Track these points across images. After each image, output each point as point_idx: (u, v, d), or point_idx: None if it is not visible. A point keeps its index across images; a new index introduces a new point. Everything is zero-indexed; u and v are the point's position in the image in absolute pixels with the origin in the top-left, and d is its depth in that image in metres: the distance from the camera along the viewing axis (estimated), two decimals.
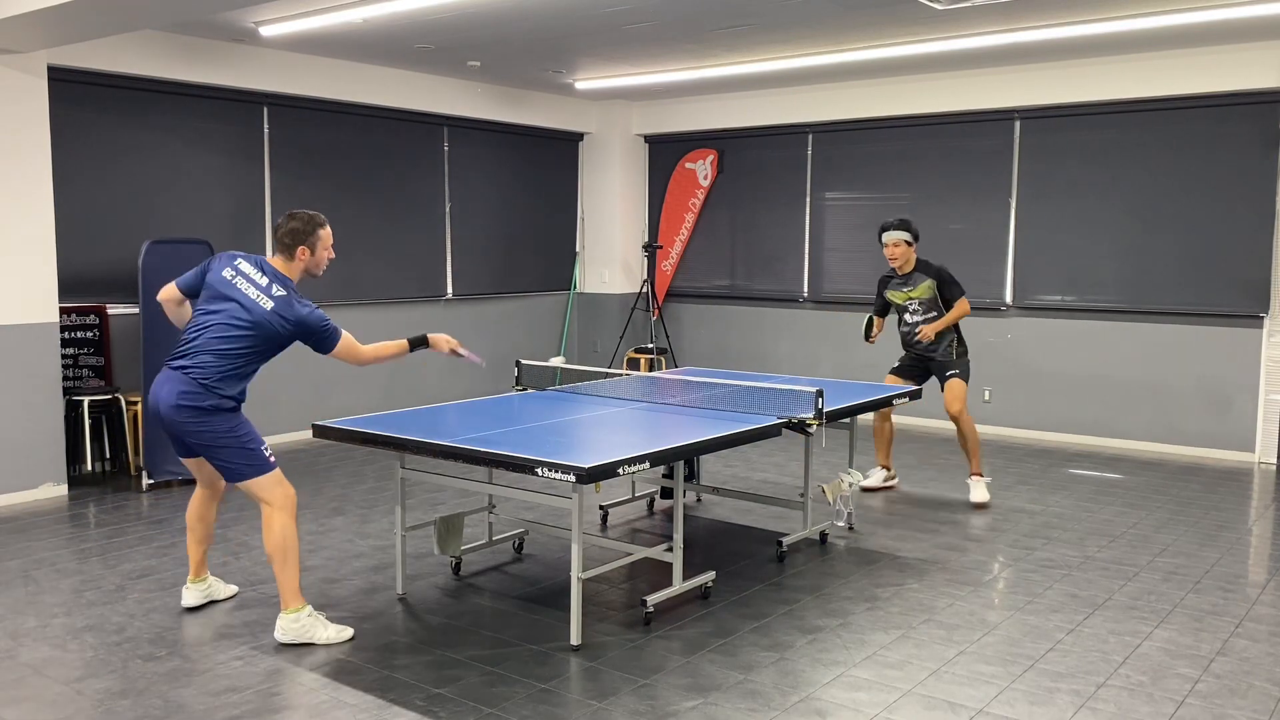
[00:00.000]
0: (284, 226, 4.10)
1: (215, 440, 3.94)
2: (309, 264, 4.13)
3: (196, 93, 7.36)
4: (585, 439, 4.32)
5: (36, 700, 3.53)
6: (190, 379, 3.91)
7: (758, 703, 3.52)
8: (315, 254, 4.13)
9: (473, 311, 9.57)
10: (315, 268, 4.16)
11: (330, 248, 4.19)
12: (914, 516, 5.97)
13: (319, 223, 4.13)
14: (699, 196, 10.18)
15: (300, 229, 4.08)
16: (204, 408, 3.91)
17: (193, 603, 4.37)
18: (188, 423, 3.92)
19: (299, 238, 4.08)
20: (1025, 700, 3.56)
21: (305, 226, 4.09)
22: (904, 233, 6.26)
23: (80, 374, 6.86)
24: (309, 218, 4.11)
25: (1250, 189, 7.43)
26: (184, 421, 3.92)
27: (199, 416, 3.91)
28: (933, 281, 6.32)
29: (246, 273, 4.04)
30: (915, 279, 6.34)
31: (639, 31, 6.98)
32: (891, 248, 6.28)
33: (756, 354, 9.84)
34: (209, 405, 3.92)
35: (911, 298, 6.35)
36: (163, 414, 3.95)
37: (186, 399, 3.90)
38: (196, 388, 3.91)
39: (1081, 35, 6.88)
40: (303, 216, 4.10)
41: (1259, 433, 7.51)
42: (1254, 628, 4.26)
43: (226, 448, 3.95)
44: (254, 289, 4.00)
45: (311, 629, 3.99)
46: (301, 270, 4.13)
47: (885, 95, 8.81)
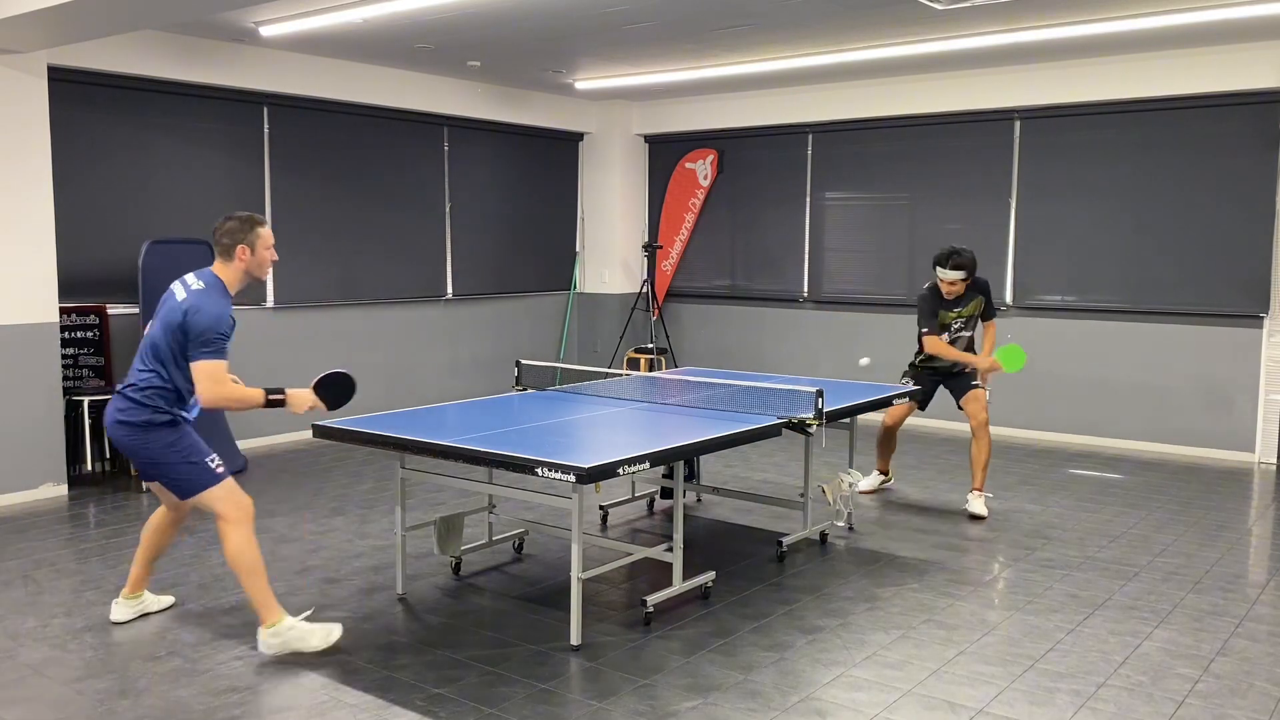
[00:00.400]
0: (221, 227, 3.96)
1: (155, 457, 3.84)
2: (249, 265, 3.96)
3: (196, 93, 7.36)
4: (585, 439, 4.32)
5: (36, 700, 3.53)
6: (126, 396, 3.84)
7: (758, 703, 3.52)
8: (255, 253, 3.95)
9: (473, 311, 9.57)
10: (257, 269, 3.98)
11: (271, 248, 4.01)
12: (914, 517, 5.97)
13: (257, 221, 3.98)
14: (699, 196, 10.18)
15: (237, 228, 3.94)
16: (137, 424, 3.81)
17: (123, 618, 4.23)
18: (125, 440, 3.85)
19: (237, 236, 3.93)
20: (1025, 700, 3.56)
21: (242, 225, 3.95)
22: (962, 272, 5.98)
23: (80, 374, 6.86)
24: (246, 216, 3.98)
25: (1250, 189, 7.43)
26: (122, 439, 3.85)
27: (134, 433, 3.82)
28: (982, 299, 6.18)
29: (183, 280, 3.96)
30: (967, 298, 6.15)
31: (639, 31, 6.98)
32: (949, 285, 6.03)
33: (756, 354, 9.84)
34: (142, 421, 3.81)
35: (961, 316, 6.19)
36: (108, 434, 3.91)
37: (123, 414, 3.82)
38: (129, 403, 3.82)
39: (1081, 35, 6.88)
40: (240, 215, 3.98)
41: (1259, 433, 7.51)
42: (1254, 628, 4.26)
43: (168, 464, 3.85)
44: (181, 289, 3.90)
45: (296, 639, 3.87)
46: (242, 272, 3.95)
47: (885, 95, 8.81)
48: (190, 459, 3.87)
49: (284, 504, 6.14)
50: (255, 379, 7.68)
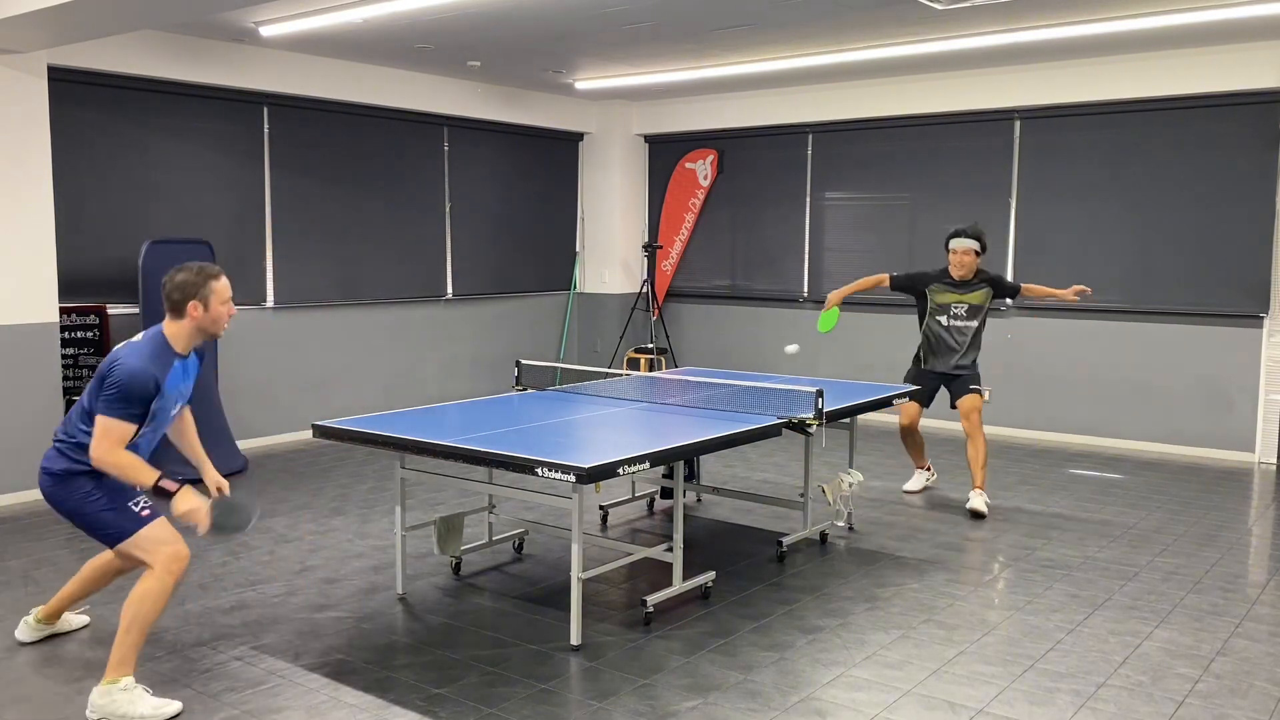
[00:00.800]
0: (170, 281, 3.57)
1: (76, 507, 3.53)
2: (202, 321, 3.57)
3: (196, 93, 7.36)
4: (585, 439, 4.32)
5: (36, 700, 3.53)
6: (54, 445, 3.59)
7: (758, 703, 3.52)
8: (209, 309, 3.57)
9: (473, 311, 9.57)
10: (212, 325, 3.61)
11: (229, 302, 3.64)
12: (914, 516, 5.97)
13: (210, 274, 3.60)
14: (699, 196, 10.18)
15: (189, 280, 3.55)
16: (56, 473, 3.53)
17: (27, 639, 4.02)
18: (47, 491, 3.56)
19: (189, 291, 3.55)
20: (1025, 700, 3.56)
21: (195, 278, 3.56)
22: (974, 241, 6.09)
23: (80, 374, 6.85)
24: (199, 268, 3.59)
25: (1250, 189, 7.43)
26: (45, 491, 3.57)
27: (54, 484, 3.54)
28: (989, 290, 6.18)
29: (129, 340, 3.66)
30: (973, 285, 6.18)
31: (639, 31, 6.98)
32: (960, 255, 6.08)
33: (756, 354, 9.84)
34: (60, 470, 3.53)
35: (963, 301, 6.17)
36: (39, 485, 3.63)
37: (47, 462, 3.57)
38: (52, 453, 3.57)
39: (1081, 35, 6.88)
40: (191, 268, 3.59)
41: (1259, 433, 7.51)
42: (1254, 628, 4.26)
43: (89, 514, 3.53)
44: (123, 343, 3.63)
45: (126, 702, 3.39)
46: (193, 329, 3.58)
47: (885, 95, 8.81)
48: (110, 506, 3.53)
49: (284, 504, 6.14)
50: (255, 379, 7.73)
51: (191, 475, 3.80)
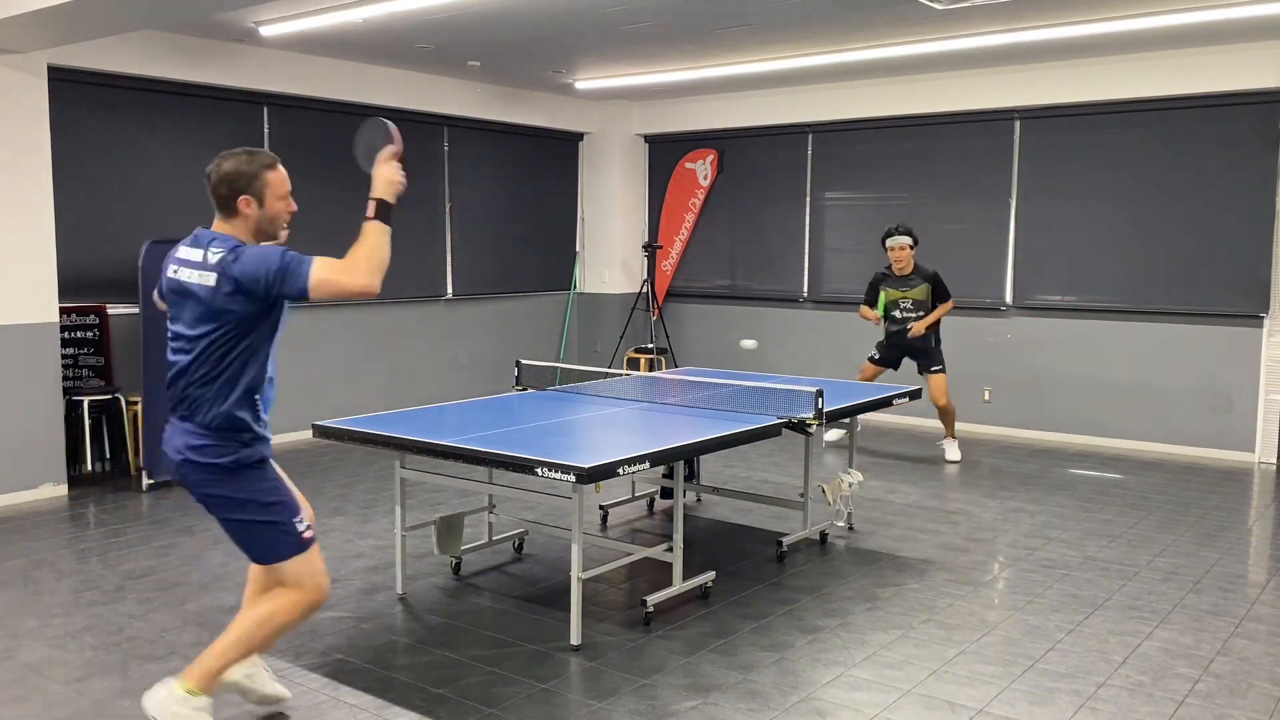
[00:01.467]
0: (213, 175, 2.95)
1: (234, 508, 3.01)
2: (259, 219, 3.00)
3: (196, 93, 7.36)
4: (585, 439, 4.32)
5: (36, 700, 3.53)
6: (196, 427, 2.96)
7: (758, 703, 3.52)
8: (265, 204, 2.98)
9: (473, 311, 9.57)
10: (270, 224, 3.03)
11: (288, 196, 3.06)
12: (914, 516, 5.97)
13: (265, 162, 2.98)
14: (699, 196, 10.18)
15: (235, 174, 2.94)
16: (224, 465, 2.97)
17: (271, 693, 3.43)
18: (198, 484, 3.00)
19: (238, 184, 2.94)
20: (1025, 700, 3.56)
21: (245, 168, 2.95)
22: (908, 238, 7.24)
23: (80, 374, 6.86)
24: (249, 156, 2.97)
25: (1250, 189, 7.43)
26: (195, 483, 3.00)
27: (217, 476, 2.97)
28: (928, 285, 7.29)
29: (182, 258, 2.99)
30: (913, 281, 7.31)
31: (639, 31, 6.98)
32: (897, 251, 7.25)
33: (756, 354, 9.83)
34: (229, 461, 2.97)
35: (907, 297, 7.30)
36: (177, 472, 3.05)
37: (195, 453, 2.96)
38: (205, 437, 2.96)
39: (1081, 35, 6.88)
40: (238, 159, 2.96)
41: (1259, 433, 7.51)
42: (1254, 628, 4.26)
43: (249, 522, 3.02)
44: (194, 271, 2.93)
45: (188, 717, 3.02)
46: (251, 230, 3.01)
47: (885, 95, 8.81)
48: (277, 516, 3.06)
49: None
50: None
51: None
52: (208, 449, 2.97)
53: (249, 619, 3.07)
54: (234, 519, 3.04)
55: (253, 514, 3.02)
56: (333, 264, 2.94)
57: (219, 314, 2.91)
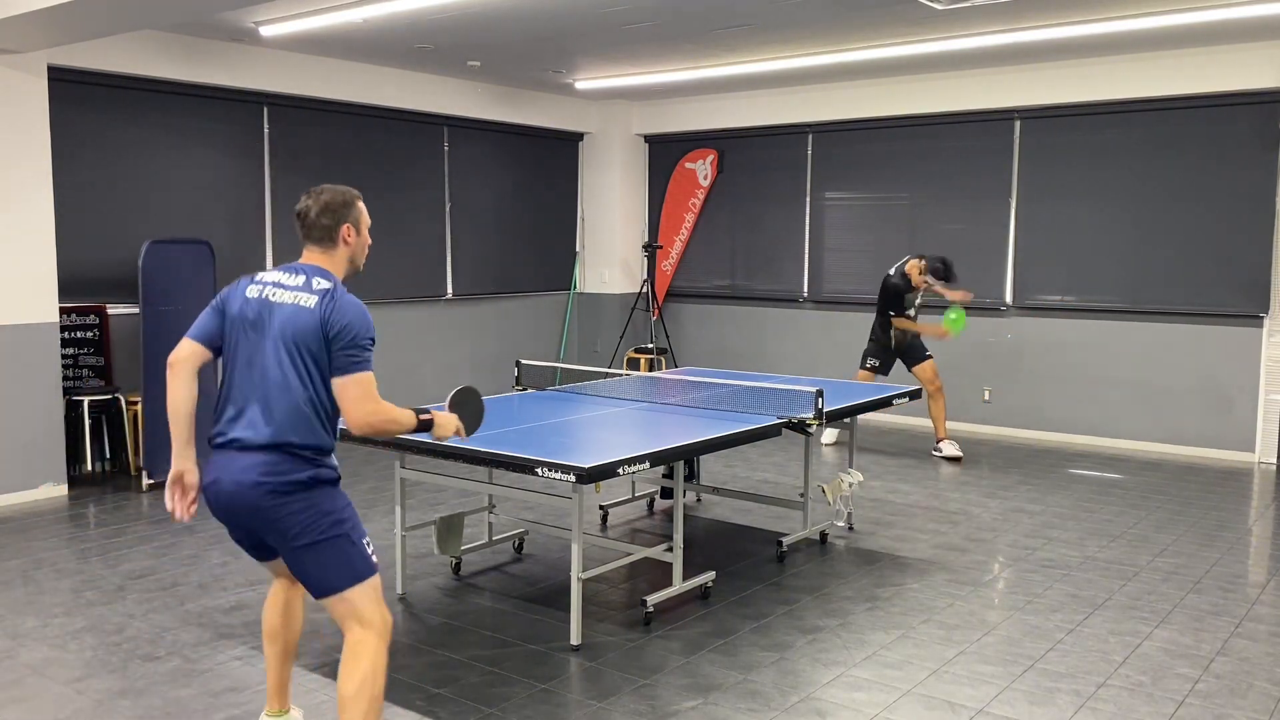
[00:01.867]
0: (314, 207, 2.94)
1: (310, 529, 2.78)
2: (354, 250, 3.01)
3: (196, 93, 7.36)
4: (585, 439, 4.32)
5: (36, 700, 3.53)
6: (271, 450, 2.79)
7: (758, 703, 3.52)
8: (360, 234, 3.01)
9: (473, 311, 9.57)
10: (362, 254, 3.05)
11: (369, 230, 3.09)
12: (914, 516, 5.97)
13: (355, 195, 3.03)
14: (699, 196, 10.18)
15: (339, 204, 2.95)
16: (302, 481, 2.79)
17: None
18: (273, 508, 2.77)
19: (341, 214, 2.95)
20: (1025, 700, 3.56)
21: (343, 199, 2.97)
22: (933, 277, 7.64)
23: (80, 374, 6.85)
24: (342, 191, 3.00)
25: (1250, 189, 7.43)
26: (270, 507, 2.77)
27: (293, 495, 2.77)
28: None
29: (274, 280, 2.90)
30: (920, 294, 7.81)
31: (639, 31, 6.98)
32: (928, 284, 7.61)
33: (756, 354, 9.84)
34: (307, 478, 2.80)
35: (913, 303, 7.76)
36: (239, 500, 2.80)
37: (271, 475, 2.76)
38: (282, 458, 2.78)
39: (1081, 35, 6.88)
40: (334, 190, 2.98)
41: (1259, 433, 7.50)
42: (1254, 628, 4.26)
43: (323, 541, 2.79)
44: (289, 293, 2.85)
45: None
46: (346, 262, 3.00)
47: (885, 95, 8.81)
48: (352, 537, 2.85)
49: None
50: None
51: None
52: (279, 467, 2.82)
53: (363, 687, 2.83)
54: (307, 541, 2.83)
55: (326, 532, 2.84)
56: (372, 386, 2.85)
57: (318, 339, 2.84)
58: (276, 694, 3.23)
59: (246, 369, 2.87)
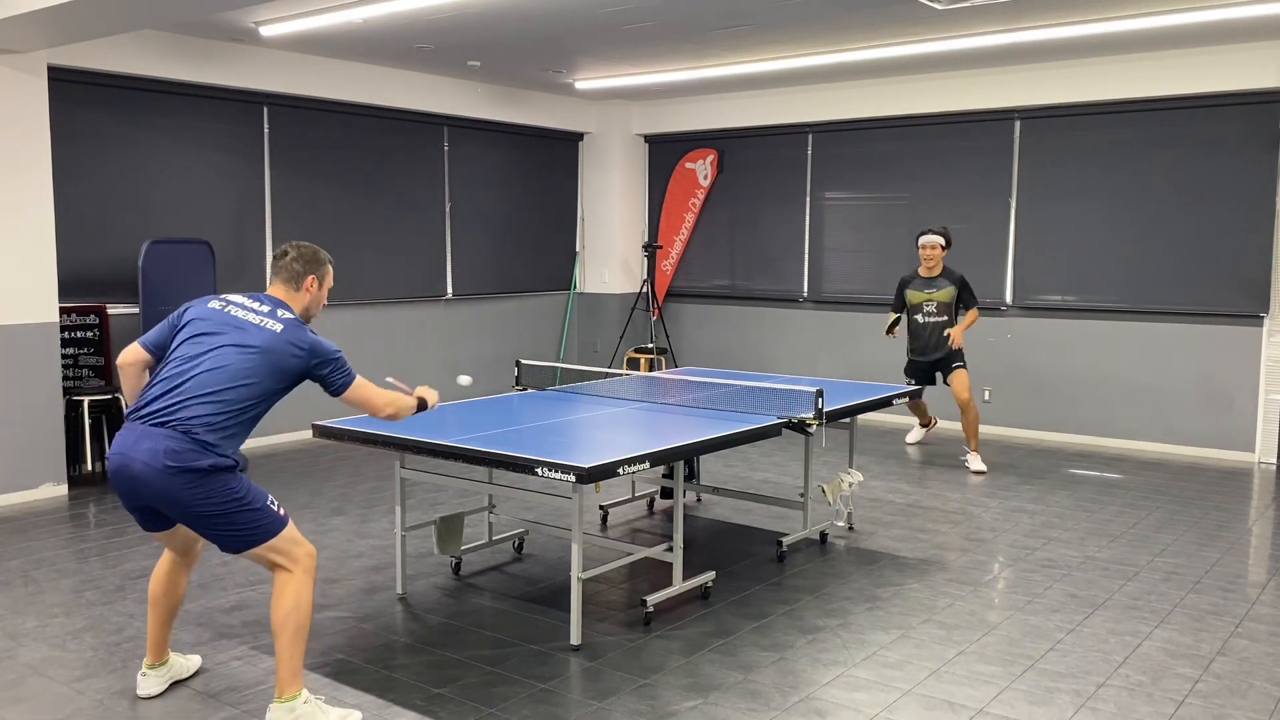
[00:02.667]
0: (290, 254, 3.47)
1: (214, 509, 3.15)
2: (314, 299, 3.50)
3: (196, 93, 7.36)
4: (585, 439, 4.32)
5: (36, 700, 3.53)
6: (180, 435, 3.11)
7: (758, 703, 3.52)
8: (322, 288, 3.52)
9: (473, 311, 9.57)
10: (316, 306, 3.53)
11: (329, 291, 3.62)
12: (914, 516, 5.97)
13: (328, 258, 3.57)
14: (699, 196, 10.18)
15: (311, 257, 3.49)
16: (202, 469, 3.10)
17: (154, 691, 3.58)
18: (179, 491, 3.10)
19: (310, 266, 3.47)
20: (1025, 700, 3.56)
21: (316, 256, 3.51)
22: (941, 237, 7.16)
23: (80, 374, 6.86)
24: (317, 250, 3.53)
25: (1250, 189, 7.43)
26: (175, 490, 3.10)
27: (196, 482, 3.10)
28: (955, 289, 7.17)
29: (239, 301, 3.36)
30: (939, 283, 7.20)
31: (639, 31, 6.98)
32: (928, 250, 7.16)
33: (756, 354, 9.84)
34: (207, 465, 3.11)
35: (931, 299, 7.20)
36: (140, 478, 3.12)
37: (178, 459, 3.08)
38: (190, 445, 3.10)
39: (1081, 35, 6.88)
40: (312, 247, 3.53)
41: (1259, 433, 7.51)
42: (1254, 628, 4.26)
43: (227, 515, 3.16)
44: (254, 314, 3.31)
45: (309, 717, 3.25)
46: (304, 305, 3.47)
47: (885, 95, 8.81)
48: (254, 505, 3.23)
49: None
50: None
51: None
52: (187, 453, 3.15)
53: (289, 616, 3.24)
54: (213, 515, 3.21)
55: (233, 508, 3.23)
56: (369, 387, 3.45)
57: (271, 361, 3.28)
58: (155, 649, 3.62)
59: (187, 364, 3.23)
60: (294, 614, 3.25)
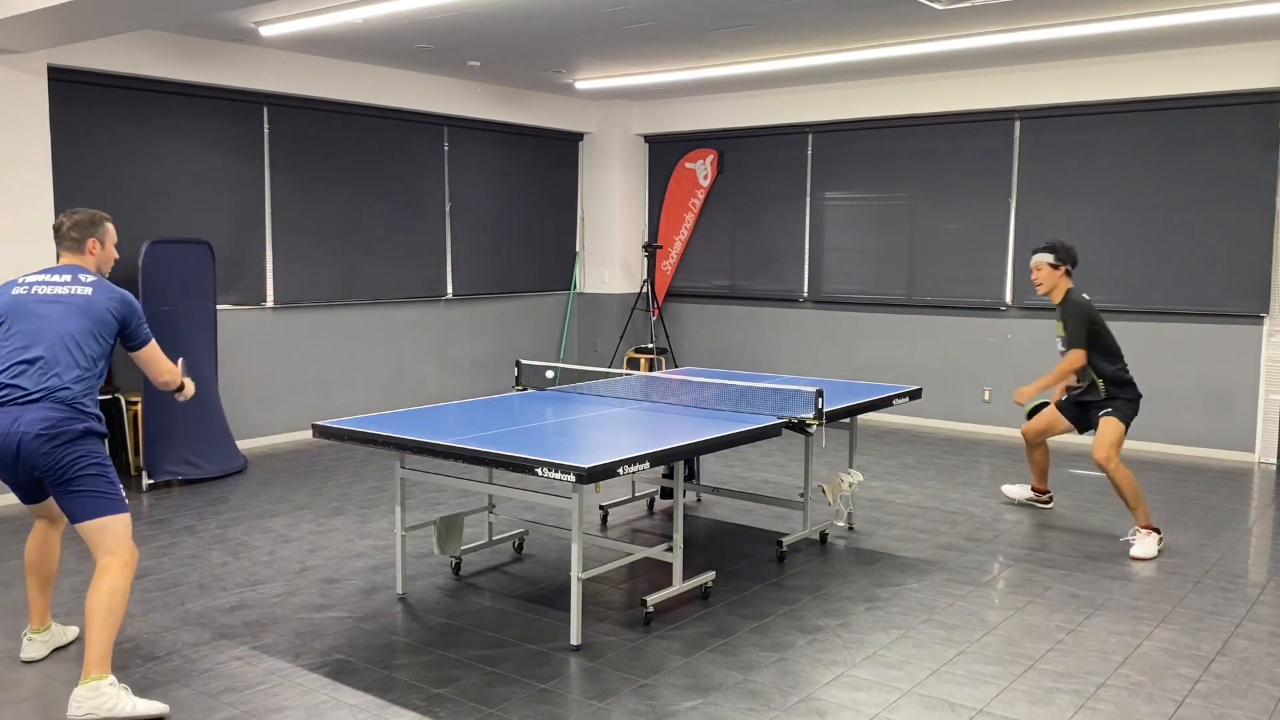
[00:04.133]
0: (67, 222, 3.72)
1: (84, 469, 3.45)
2: (99, 259, 3.76)
3: (196, 93, 7.36)
4: (585, 439, 4.32)
5: (36, 700, 3.53)
6: (53, 403, 3.43)
7: (758, 703, 3.52)
8: (105, 248, 3.77)
9: (473, 311, 9.57)
10: (104, 265, 3.79)
11: (114, 247, 3.84)
12: (914, 516, 5.97)
13: (104, 217, 3.80)
14: (699, 196, 10.18)
15: (86, 221, 3.73)
16: (79, 432, 3.45)
17: (37, 655, 3.86)
18: (56, 453, 3.41)
19: (86, 230, 3.72)
20: (1025, 700, 3.56)
21: (92, 220, 3.75)
22: (1045, 255, 5.54)
23: None
24: (92, 212, 3.77)
25: (1250, 189, 7.43)
26: (51, 452, 3.40)
27: (72, 444, 3.43)
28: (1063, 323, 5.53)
29: (37, 280, 3.64)
30: (1061, 312, 5.54)
31: (639, 31, 6.98)
32: (1034, 272, 5.59)
33: (756, 354, 9.84)
34: (82, 429, 3.46)
35: (1059, 334, 5.59)
36: (23, 450, 3.40)
37: (54, 426, 3.41)
38: (65, 411, 3.44)
39: (1081, 35, 6.88)
40: (85, 211, 3.77)
41: (1259, 433, 7.50)
42: (1254, 628, 4.26)
43: (92, 477, 3.46)
44: (59, 287, 3.60)
45: (114, 700, 3.35)
46: (95, 267, 3.76)
47: (885, 95, 8.81)
48: (112, 478, 3.54)
49: (284, 504, 6.14)
50: (255, 379, 7.73)
51: (191, 475, 3.77)
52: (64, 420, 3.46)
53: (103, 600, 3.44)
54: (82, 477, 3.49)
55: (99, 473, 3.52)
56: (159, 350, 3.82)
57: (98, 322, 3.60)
58: (38, 615, 3.92)
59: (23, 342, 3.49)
60: (109, 599, 3.45)
